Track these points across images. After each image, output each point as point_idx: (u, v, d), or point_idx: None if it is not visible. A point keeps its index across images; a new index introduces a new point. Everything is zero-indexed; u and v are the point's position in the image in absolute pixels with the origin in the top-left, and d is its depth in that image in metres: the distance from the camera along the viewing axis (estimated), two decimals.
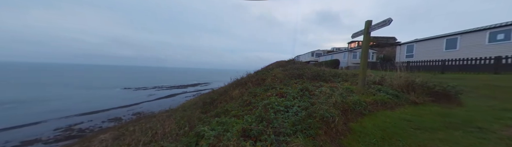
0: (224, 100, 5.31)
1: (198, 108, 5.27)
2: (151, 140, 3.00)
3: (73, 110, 16.97)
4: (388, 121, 2.53)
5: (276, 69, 8.25)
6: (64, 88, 30.15)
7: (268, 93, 4.22)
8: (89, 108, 17.89)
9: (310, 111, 2.44)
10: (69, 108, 17.66)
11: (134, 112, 16.60)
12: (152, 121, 4.59)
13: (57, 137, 11.13)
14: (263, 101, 3.42)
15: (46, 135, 11.47)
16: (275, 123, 2.18)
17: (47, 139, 10.80)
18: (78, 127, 12.86)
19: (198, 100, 7.02)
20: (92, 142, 4.29)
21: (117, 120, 14.02)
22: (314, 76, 5.98)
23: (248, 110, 3.21)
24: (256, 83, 6.34)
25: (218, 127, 2.39)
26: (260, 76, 7.47)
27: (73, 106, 18.78)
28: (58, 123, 13.59)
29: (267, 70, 9.12)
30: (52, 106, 18.74)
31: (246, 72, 9.43)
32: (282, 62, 12.92)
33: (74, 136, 11.12)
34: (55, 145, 9.36)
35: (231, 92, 6.15)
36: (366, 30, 3.68)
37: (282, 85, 5.06)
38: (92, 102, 20.75)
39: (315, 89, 4.11)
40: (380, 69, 6.01)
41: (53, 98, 22.23)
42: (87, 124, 13.51)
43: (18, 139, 10.93)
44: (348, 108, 2.83)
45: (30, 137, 11.16)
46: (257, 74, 8.76)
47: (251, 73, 9.45)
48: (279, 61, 14.63)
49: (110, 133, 4.66)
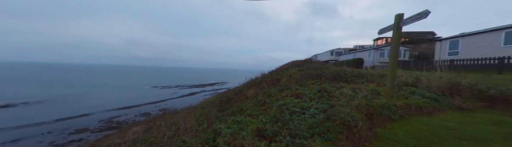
0: (239, 99, 5.42)
1: (215, 106, 5.51)
2: (174, 134, 3.27)
3: (113, 105, 20.04)
4: (424, 128, 2.19)
5: (292, 69, 8.03)
6: (103, 86, 35.53)
7: (283, 93, 4.13)
8: (125, 104, 20.89)
9: (329, 114, 2.29)
10: (110, 103, 20.89)
11: (160, 108, 18.58)
12: (175, 117, 5.01)
13: (101, 127, 13.28)
14: (277, 101, 3.36)
15: (93, 125, 13.80)
16: (290, 124, 2.12)
17: (93, 129, 12.99)
18: (117, 119, 15.12)
19: (215, 99, 7.35)
20: (127, 133, 4.92)
21: (146, 115, 15.98)
22: (333, 76, 5.60)
23: (262, 110, 3.20)
24: (271, 83, 6.29)
25: (233, 125, 2.46)
26: (274, 76, 7.38)
27: (113, 101, 22.15)
28: (102, 116, 16.19)
29: (282, 70, 8.96)
30: (96, 101, 22.43)
31: (260, 73, 9.44)
32: (298, 62, 12.49)
33: (113, 127, 13.09)
34: (100, 134, 11.15)
35: (246, 91, 6.24)
36: (396, 25, 3.27)
37: (298, 86, 4.89)
38: (128, 98, 24.04)
39: (334, 90, 3.85)
40: (414, 69, 5.25)
41: (96, 94, 26.50)
42: (123, 117, 15.78)
43: (73, 127, 13.37)
44: (373, 111, 2.56)
45: (82, 126, 13.57)
46: (271, 74, 8.68)
47: (265, 73, 9.41)
48: (295, 61, 14.20)
49: (141, 126, 5.28)
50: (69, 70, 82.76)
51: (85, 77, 51.43)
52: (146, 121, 8.09)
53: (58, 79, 41.92)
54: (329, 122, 2.11)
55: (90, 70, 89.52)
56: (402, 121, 2.45)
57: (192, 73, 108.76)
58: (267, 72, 9.51)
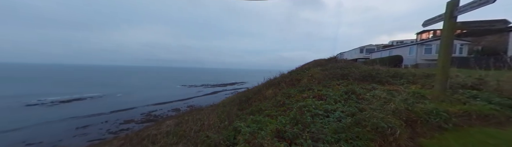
0: (258, 99, 5.46)
1: (236, 105, 5.71)
2: (200, 129, 3.56)
3: (151, 101, 23.56)
4: (492, 143, 1.71)
5: (314, 69, 7.58)
6: (142, 85, 41.72)
7: (304, 94, 3.94)
8: (160, 100, 24.34)
9: (358, 118, 2.06)
10: (149, 99, 24.61)
11: (188, 105, 20.75)
12: (200, 114, 5.45)
13: (142, 120, 15.78)
14: (298, 102, 3.23)
15: (136, 117, 16.51)
16: (312, 127, 2.01)
17: (137, 120, 15.53)
18: (154, 113, 17.71)
19: (236, 98, 7.62)
20: (162, 125, 5.63)
21: (176, 110, 18.16)
22: (363, 76, 5.00)
23: (282, 110, 3.14)
24: (290, 84, 6.09)
25: (253, 124, 2.49)
26: (294, 76, 7.12)
27: (151, 97, 26.00)
28: (143, 110, 19.22)
29: (302, 70, 8.56)
30: (138, 97, 26.64)
31: (279, 72, 9.27)
32: (321, 61, 11.69)
33: (151, 120, 15.37)
34: (141, 125, 13.19)
35: (264, 91, 6.24)
36: (448, 14, 2.68)
37: (321, 86, 4.57)
38: (162, 95, 27.80)
39: (365, 92, 3.43)
40: (476, 68, 4.15)
41: (138, 92, 31.33)
42: (159, 111, 18.35)
43: (123, 118, 16.20)
44: (416, 118, 2.16)
45: (128, 118, 16.37)
46: (291, 74, 8.40)
47: (284, 73, 9.19)
48: (317, 60, 13.35)
49: (173, 120, 5.95)
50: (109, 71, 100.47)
51: (125, 77, 61.79)
52: (176, 116, 9.08)
53: (105, 79, 51.55)
54: (358, 128, 1.90)
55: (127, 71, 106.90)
56: (458, 132, 1.98)
57: (212, 73, 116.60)
58: (287, 72, 9.27)
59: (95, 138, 11.18)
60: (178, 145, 2.95)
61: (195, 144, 2.66)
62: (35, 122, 14.39)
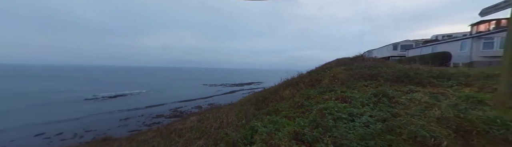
0: (275, 100, 5.39)
1: (252, 104, 5.79)
2: (219, 126, 3.75)
3: (177, 98, 26.16)
4: None
5: (336, 69, 7.04)
6: (170, 83, 46.42)
7: (325, 96, 3.70)
8: (185, 97, 26.85)
9: (390, 124, 1.82)
10: (176, 96, 27.41)
11: (209, 103, 22.21)
12: (220, 111, 5.73)
13: (170, 115, 17.60)
14: (318, 104, 3.06)
15: (165, 113, 18.50)
16: (334, 131, 1.87)
17: (166, 115, 17.40)
18: (180, 110, 19.54)
19: (252, 97, 7.72)
20: (186, 121, 6.16)
21: (199, 108, 19.71)
22: (397, 76, 4.39)
23: (300, 112, 3.02)
24: (310, 84, 5.81)
25: (269, 125, 2.48)
26: (314, 76, 6.76)
27: (178, 95, 28.85)
28: (171, 106, 21.45)
29: (323, 69, 8.05)
30: (167, 95, 29.87)
31: (297, 72, 8.94)
32: (344, 60, 10.76)
33: (178, 115, 17.02)
34: (170, 119, 14.73)
35: (281, 92, 6.12)
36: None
37: (345, 88, 4.22)
38: (187, 93, 30.53)
39: (399, 95, 3.01)
40: None
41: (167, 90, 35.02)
42: (184, 108, 20.19)
43: (155, 113, 18.37)
44: (470, 128, 1.77)
45: (159, 113, 18.47)
46: (310, 74, 8.01)
47: (302, 73, 8.82)
48: (340, 59, 12.35)
49: (196, 117, 6.43)
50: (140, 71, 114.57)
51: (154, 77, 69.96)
52: (198, 112, 9.78)
53: (139, 78, 59.24)
54: (392, 135, 1.67)
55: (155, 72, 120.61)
56: None
57: (229, 73, 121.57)
58: (305, 72, 8.88)
59: (134, 129, 13.04)
60: (200, 140, 3.18)
61: (215, 140, 2.81)
62: (91, 113, 17.72)
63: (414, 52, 20.73)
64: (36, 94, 26.35)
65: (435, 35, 31.57)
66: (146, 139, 4.83)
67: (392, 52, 24.63)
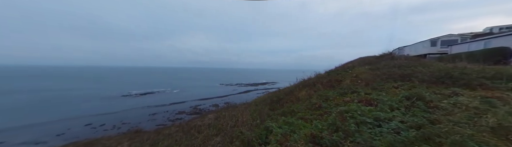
0: (290, 100, 5.24)
1: (267, 104, 5.76)
2: (235, 124, 3.85)
3: (197, 96, 28.09)
4: None
5: (359, 68, 6.44)
6: (190, 83, 49.80)
7: (346, 97, 3.42)
8: (204, 96, 28.64)
9: (427, 132, 1.57)
10: (196, 95, 29.45)
11: (225, 102, 23.17)
12: (235, 110, 5.88)
13: (191, 112, 18.97)
14: (338, 106, 2.85)
15: (186, 110, 20.00)
16: (357, 137, 1.71)
17: (187, 112, 18.81)
18: (199, 107, 20.93)
19: (267, 98, 7.69)
20: (205, 118, 6.52)
21: (215, 106, 20.79)
22: (437, 77, 3.76)
23: (317, 114, 2.87)
24: (328, 85, 5.45)
25: (285, 126, 2.42)
26: (333, 77, 6.32)
27: (197, 94, 30.91)
28: (191, 103, 23.11)
29: (344, 69, 7.47)
30: (188, 93, 32.21)
31: (314, 72, 8.50)
32: (369, 58, 9.76)
33: (197, 112, 18.24)
34: (190, 116, 15.87)
35: (297, 92, 5.92)
36: None
37: (370, 89, 3.82)
38: (206, 92, 32.50)
39: (440, 99, 2.57)
40: None
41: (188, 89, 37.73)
42: (202, 106, 21.54)
43: (177, 110, 19.99)
44: None
45: (181, 109, 20.03)
46: (329, 74, 7.52)
47: (320, 73, 8.34)
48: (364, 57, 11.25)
49: (213, 114, 6.76)
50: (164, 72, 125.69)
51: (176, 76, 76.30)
52: (215, 111, 10.25)
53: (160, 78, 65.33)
54: (429, 145, 1.44)
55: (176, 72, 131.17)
56: None
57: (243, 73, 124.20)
58: (324, 72, 8.38)
59: (160, 123, 14.53)
60: (217, 137, 3.32)
61: (231, 138, 2.90)
62: (126, 108, 20.43)
63: (459, 49, 17.37)
64: (82, 90, 31.77)
65: (489, 28, 25.97)
66: (170, 133, 5.30)
67: (429, 49, 21.13)
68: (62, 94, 27.50)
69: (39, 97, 25.27)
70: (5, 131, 12.64)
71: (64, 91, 30.35)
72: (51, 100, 23.75)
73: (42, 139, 11.52)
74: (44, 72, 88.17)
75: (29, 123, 14.42)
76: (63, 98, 25.09)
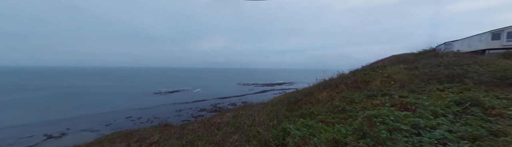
0: (309, 102, 5.00)
1: (284, 105, 5.64)
2: (251, 124, 3.91)
3: (217, 95, 29.83)
4: None
5: (392, 68, 5.68)
6: (211, 82, 52.93)
7: (376, 100, 3.06)
8: (223, 95, 30.15)
9: (487, 146, 1.27)
10: (216, 93, 31.26)
11: (242, 101, 23.81)
12: (252, 110, 5.97)
13: (211, 109, 20.21)
14: (365, 110, 2.57)
15: (207, 107, 21.38)
16: (389, 145, 1.51)
17: (208, 110, 20.11)
18: (218, 105, 22.13)
19: (284, 98, 7.52)
20: (223, 116, 6.83)
21: (233, 105, 21.63)
22: (500, 78, 3.01)
23: (340, 118, 2.65)
24: (354, 86, 4.97)
25: (303, 128, 2.33)
26: (359, 77, 5.73)
27: (217, 92, 32.75)
28: (211, 102, 24.62)
29: (372, 69, 6.70)
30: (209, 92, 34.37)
31: (337, 72, 7.87)
32: (405, 56, 8.49)
33: (217, 110, 19.32)
34: (211, 114, 16.93)
35: (317, 93, 5.59)
36: None
37: (406, 92, 3.33)
38: (224, 91, 34.19)
39: (504, 105, 2.05)
40: None
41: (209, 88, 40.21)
42: (221, 104, 22.69)
43: (199, 107, 21.54)
44: None
45: (202, 107, 21.52)
46: (354, 74, 6.85)
47: (343, 73, 7.67)
48: (398, 55, 9.86)
49: (231, 113, 7.02)
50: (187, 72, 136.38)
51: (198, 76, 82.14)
52: (233, 109, 10.61)
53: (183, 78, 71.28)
54: None
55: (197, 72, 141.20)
56: None
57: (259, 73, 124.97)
58: (348, 72, 7.69)
59: (185, 119, 15.95)
60: (235, 135, 3.44)
61: (248, 137, 2.95)
62: (157, 104, 23.18)
63: None
64: (122, 88, 37.34)
65: None
66: (193, 128, 5.74)
67: (489, 43, 16.89)
68: (106, 91, 33.04)
69: (88, 92, 31.00)
70: (68, 120, 15.96)
71: (107, 88, 36.46)
72: (98, 95, 28.84)
73: (96, 128, 14.10)
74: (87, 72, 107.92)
75: (83, 114, 17.85)
76: (108, 94, 30.16)
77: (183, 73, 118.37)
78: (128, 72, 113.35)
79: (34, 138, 11.98)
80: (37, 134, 12.50)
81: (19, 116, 16.57)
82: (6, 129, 13.36)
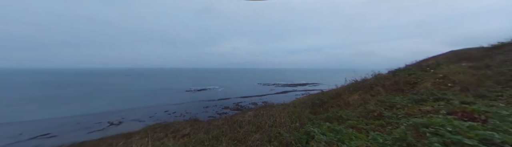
0: (337, 105, 4.55)
1: (307, 107, 5.33)
2: (272, 124, 3.88)
3: (239, 94, 31.13)
4: None
5: (451, 66, 4.57)
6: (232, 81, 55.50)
7: (426, 106, 2.53)
8: (244, 94, 31.17)
9: None
10: (238, 92, 32.72)
11: (262, 101, 24.01)
12: (273, 110, 5.91)
13: (233, 108, 21.20)
14: (409, 117, 2.16)
15: (230, 105, 22.54)
16: None
17: (231, 108, 21.20)
18: (240, 104, 23.00)
19: (307, 100, 7.11)
20: (245, 115, 7.03)
21: (254, 104, 22.06)
22: None
23: (377, 125, 2.31)
24: (394, 88, 4.24)
25: (329, 133, 2.14)
26: (402, 78, 4.85)
27: (238, 92, 34.08)
28: (234, 100, 25.84)
29: (420, 68, 5.56)
30: (231, 91, 36.06)
31: (372, 72, 6.87)
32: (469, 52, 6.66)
33: (239, 109, 20.14)
34: (234, 112, 17.80)
35: (346, 96, 5.04)
36: None
37: (470, 97, 2.62)
38: (245, 90, 35.27)
39: None
40: None
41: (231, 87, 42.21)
42: (243, 103, 23.50)
43: (223, 105, 22.91)
44: None
45: (226, 105, 22.83)
46: (394, 74, 5.84)
47: (380, 73, 6.64)
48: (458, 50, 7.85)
49: (252, 112, 7.16)
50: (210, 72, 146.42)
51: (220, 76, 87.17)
52: (254, 108, 10.78)
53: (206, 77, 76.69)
54: None
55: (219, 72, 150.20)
56: None
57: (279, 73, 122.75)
58: (387, 72, 6.63)
59: (210, 115, 17.32)
60: (256, 134, 3.48)
61: (269, 137, 2.93)
62: (188, 100, 26.02)
63: None
64: (159, 85, 43.29)
65: None
66: (218, 124, 6.14)
67: None
68: (146, 88, 39.06)
69: (132, 90, 37.25)
70: (121, 111, 19.71)
71: (147, 86, 43.08)
72: (140, 92, 34.37)
73: (142, 119, 16.97)
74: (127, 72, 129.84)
75: (133, 107, 21.67)
76: (148, 90, 35.61)
77: (205, 73, 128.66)
78: (160, 73, 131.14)
79: (101, 124, 15.43)
80: (102, 121, 16.05)
81: (83, 107, 21.64)
82: (78, 116, 17.68)
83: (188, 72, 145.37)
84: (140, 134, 7.77)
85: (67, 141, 9.77)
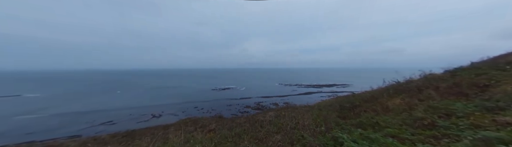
0: (372, 109, 3.97)
1: (335, 111, 4.87)
2: (295, 127, 3.73)
3: (260, 94, 31.42)
4: None
5: None
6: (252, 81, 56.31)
7: (504, 117, 1.92)
8: (265, 94, 31.23)
9: None
10: (259, 92, 33.11)
11: (284, 101, 23.46)
12: (295, 112, 5.70)
13: (254, 107, 21.52)
14: (477, 129, 1.69)
15: (252, 105, 22.98)
16: None
17: (252, 107, 21.59)
18: (261, 104, 23.15)
19: (335, 102, 6.49)
20: (266, 115, 7.03)
21: (275, 104, 21.82)
22: None
23: (427, 136, 1.90)
24: (454, 92, 3.39)
25: (362, 141, 1.89)
26: (466, 79, 3.82)
27: (259, 91, 34.40)
28: (255, 100, 26.22)
29: (495, 66, 4.25)
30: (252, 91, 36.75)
31: (420, 72, 5.67)
32: None
33: (260, 108, 20.31)
34: (254, 111, 18.13)
35: (384, 99, 4.34)
36: None
37: None
38: (266, 91, 35.33)
39: None
40: None
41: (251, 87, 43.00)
42: (264, 103, 23.56)
43: (245, 104, 23.59)
44: None
45: (247, 104, 23.42)
46: (453, 74, 4.66)
47: (432, 73, 5.41)
48: None
49: (273, 112, 7.09)
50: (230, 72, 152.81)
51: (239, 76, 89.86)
52: (275, 109, 10.65)
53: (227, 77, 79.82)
54: None
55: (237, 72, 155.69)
56: None
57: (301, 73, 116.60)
58: (443, 72, 5.38)
59: (233, 113, 18.18)
60: (277, 135, 3.43)
61: (291, 140, 2.83)
62: (214, 98, 28.01)
63: None
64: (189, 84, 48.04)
65: None
66: (240, 122, 6.36)
67: None
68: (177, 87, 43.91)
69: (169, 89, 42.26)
70: (161, 106, 22.89)
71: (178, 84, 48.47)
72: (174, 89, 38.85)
73: (177, 113, 19.35)
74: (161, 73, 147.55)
75: (169, 103, 24.87)
76: (179, 89, 40.04)
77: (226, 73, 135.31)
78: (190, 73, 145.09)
79: (145, 116, 18.46)
80: (147, 114, 19.16)
81: (130, 102, 26.09)
82: (127, 109, 21.53)
83: (211, 72, 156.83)
84: (174, 126, 8.88)
85: (123, 128, 12.31)
